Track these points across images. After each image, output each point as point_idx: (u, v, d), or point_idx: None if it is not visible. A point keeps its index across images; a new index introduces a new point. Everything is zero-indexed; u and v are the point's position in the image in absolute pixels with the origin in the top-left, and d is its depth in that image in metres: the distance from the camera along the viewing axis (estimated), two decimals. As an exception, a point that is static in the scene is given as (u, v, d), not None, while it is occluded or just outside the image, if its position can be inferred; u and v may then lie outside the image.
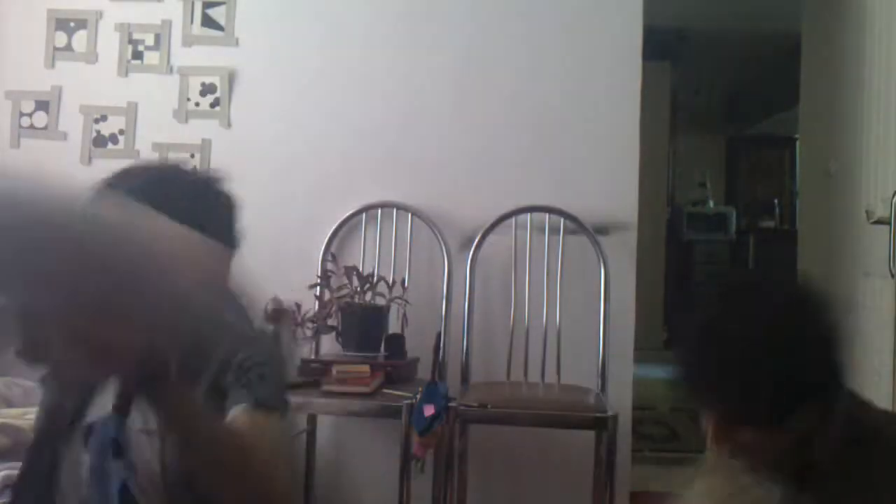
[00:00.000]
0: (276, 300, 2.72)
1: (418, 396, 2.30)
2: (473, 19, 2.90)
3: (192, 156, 2.90)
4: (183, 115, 2.92)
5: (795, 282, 1.33)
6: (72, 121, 2.94)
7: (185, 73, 2.92)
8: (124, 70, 2.95)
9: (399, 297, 2.62)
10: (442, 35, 2.90)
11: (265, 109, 2.92)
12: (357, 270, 2.59)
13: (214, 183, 1.49)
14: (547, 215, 2.75)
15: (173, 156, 2.90)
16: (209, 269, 1.25)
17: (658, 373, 5.73)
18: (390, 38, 2.92)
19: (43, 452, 1.41)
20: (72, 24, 2.96)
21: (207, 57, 2.93)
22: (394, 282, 2.65)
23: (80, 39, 2.96)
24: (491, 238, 2.76)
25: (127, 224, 0.97)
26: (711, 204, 7.82)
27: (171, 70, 2.93)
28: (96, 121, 2.94)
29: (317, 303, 2.67)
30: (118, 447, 1.37)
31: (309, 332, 2.56)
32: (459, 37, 2.90)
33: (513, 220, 2.76)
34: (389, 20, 2.92)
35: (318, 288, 2.68)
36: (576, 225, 2.74)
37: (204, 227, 1.21)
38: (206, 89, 2.92)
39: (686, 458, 3.50)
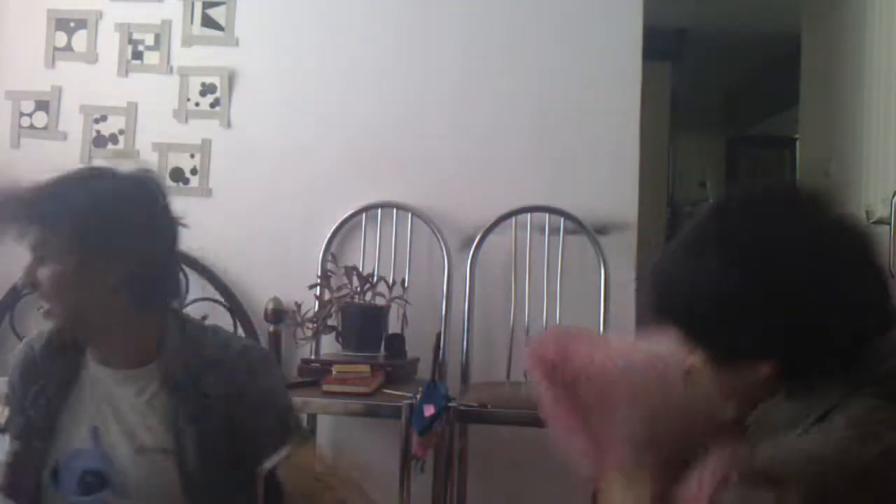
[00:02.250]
0: (276, 300, 2.72)
1: (418, 396, 2.30)
2: (473, 19, 2.90)
3: (192, 156, 2.90)
4: (183, 115, 2.92)
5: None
6: (72, 121, 2.94)
7: (185, 73, 2.92)
8: (124, 70, 2.95)
9: (399, 297, 2.61)
10: (442, 35, 2.90)
11: (265, 109, 2.92)
12: (357, 270, 2.59)
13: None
14: (547, 215, 2.75)
15: (173, 156, 2.91)
16: None
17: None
18: (390, 38, 2.92)
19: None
20: (72, 24, 2.96)
21: (207, 57, 2.92)
22: (394, 282, 2.65)
23: (80, 39, 2.96)
24: (491, 238, 2.76)
25: None
26: (711, 204, 7.81)
27: (171, 70, 2.93)
28: (96, 121, 2.93)
29: (317, 303, 2.67)
30: (96, 478, 1.38)
31: (309, 332, 2.56)
32: (459, 36, 2.90)
33: (513, 220, 2.76)
34: (390, 20, 2.92)
35: (318, 288, 2.68)
36: (576, 225, 2.74)
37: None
38: (206, 89, 2.91)
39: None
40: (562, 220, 2.75)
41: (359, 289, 2.55)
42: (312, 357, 2.62)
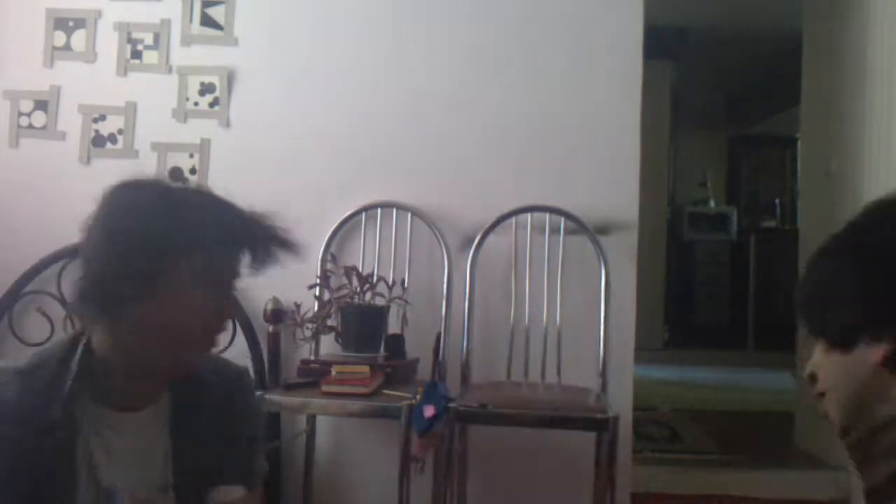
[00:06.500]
0: (275, 300, 2.71)
1: (418, 397, 2.29)
2: (474, 19, 2.89)
3: (191, 155, 2.89)
4: (182, 114, 2.91)
5: None
6: (70, 120, 2.93)
7: (184, 73, 2.92)
8: (123, 69, 2.94)
9: (399, 297, 2.61)
10: (442, 35, 2.90)
11: (264, 109, 2.91)
12: (357, 270, 2.58)
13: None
14: (547, 215, 2.74)
15: (172, 155, 2.90)
16: None
17: (659, 373, 5.73)
18: (390, 38, 2.91)
19: None
20: (71, 24, 2.96)
21: (206, 56, 2.92)
22: (394, 282, 2.64)
23: (78, 39, 2.95)
24: (491, 238, 2.75)
25: None
26: (712, 204, 7.82)
27: (170, 69, 2.92)
28: (95, 120, 2.93)
29: (316, 303, 2.66)
30: None
31: (308, 333, 2.55)
32: (459, 36, 2.89)
33: (513, 220, 2.75)
34: (389, 20, 2.91)
35: (318, 288, 2.67)
36: (576, 225, 2.73)
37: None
38: (206, 89, 2.91)
39: (687, 459, 3.51)
40: (562, 219, 2.74)
41: (358, 289, 2.54)
42: (312, 357, 2.61)
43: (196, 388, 1.33)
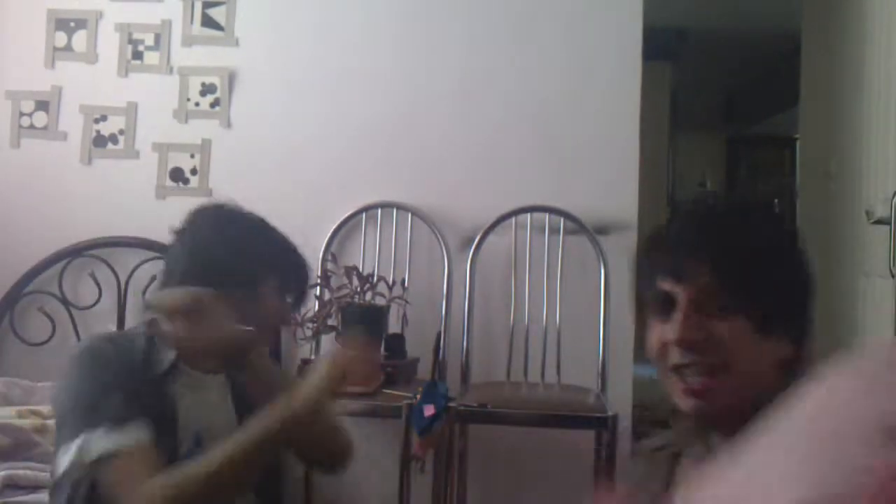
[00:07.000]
0: (276, 300, 2.72)
1: (418, 396, 2.30)
2: (473, 19, 2.90)
3: (192, 156, 2.90)
4: (183, 115, 2.92)
5: None
6: (72, 121, 2.94)
7: (185, 73, 2.92)
8: (124, 70, 2.95)
9: (399, 297, 2.61)
10: (442, 35, 2.90)
11: (265, 109, 2.92)
12: (357, 270, 2.59)
13: None
14: (547, 215, 2.75)
15: (174, 156, 2.91)
16: None
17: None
18: (391, 38, 2.92)
19: None
20: (72, 24, 2.96)
21: (207, 57, 2.92)
22: (394, 282, 2.65)
23: (80, 39, 2.96)
24: (491, 238, 2.76)
25: None
26: (711, 204, 7.81)
27: (171, 70, 2.93)
28: (96, 121, 2.93)
29: (317, 303, 2.67)
30: None
31: (309, 332, 2.56)
32: (460, 37, 2.90)
33: (513, 220, 2.76)
34: (390, 20, 2.92)
35: (318, 288, 2.68)
36: (576, 225, 2.74)
37: None
38: (206, 89, 2.91)
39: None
40: (562, 220, 2.75)
41: (359, 289, 2.55)
42: (312, 357, 2.62)
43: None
